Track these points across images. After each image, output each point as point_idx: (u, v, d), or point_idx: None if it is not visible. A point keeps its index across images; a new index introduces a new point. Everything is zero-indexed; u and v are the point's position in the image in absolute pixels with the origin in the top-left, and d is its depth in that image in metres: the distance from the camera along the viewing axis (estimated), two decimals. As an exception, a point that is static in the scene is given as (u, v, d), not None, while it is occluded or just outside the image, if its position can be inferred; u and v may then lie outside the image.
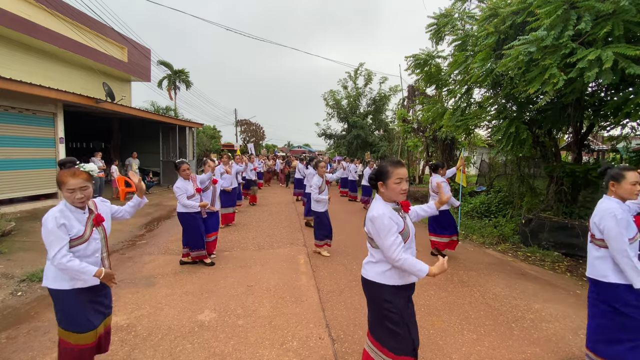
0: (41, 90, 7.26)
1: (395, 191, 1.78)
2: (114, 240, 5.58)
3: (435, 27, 6.27)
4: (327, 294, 3.64)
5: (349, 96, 19.01)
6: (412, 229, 1.89)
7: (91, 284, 1.90)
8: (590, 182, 5.83)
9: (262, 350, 2.57)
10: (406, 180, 1.79)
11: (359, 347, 2.64)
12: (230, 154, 5.17)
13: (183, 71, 26.03)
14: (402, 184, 1.77)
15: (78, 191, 1.83)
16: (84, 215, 1.92)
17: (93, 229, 1.96)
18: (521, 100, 5.32)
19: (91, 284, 1.90)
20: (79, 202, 1.85)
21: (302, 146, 36.31)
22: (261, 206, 9.51)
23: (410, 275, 1.82)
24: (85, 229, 1.90)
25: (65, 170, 1.83)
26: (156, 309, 3.21)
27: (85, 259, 1.89)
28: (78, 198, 1.84)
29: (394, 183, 1.77)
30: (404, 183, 1.78)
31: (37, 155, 7.87)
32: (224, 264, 4.55)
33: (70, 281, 1.86)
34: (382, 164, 1.85)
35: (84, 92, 9.43)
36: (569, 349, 2.69)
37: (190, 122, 14.71)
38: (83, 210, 1.93)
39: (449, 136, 10.18)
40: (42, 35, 9.64)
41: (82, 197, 1.85)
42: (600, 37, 3.51)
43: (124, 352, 2.52)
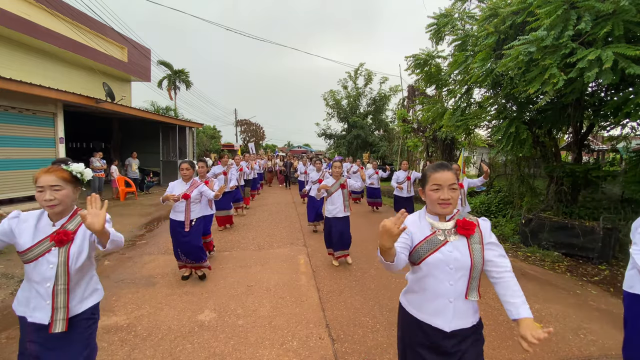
0: (41, 90, 7.26)
1: (430, 199, 1.44)
2: (114, 240, 5.58)
3: (435, 27, 6.27)
4: (327, 294, 3.64)
5: (349, 96, 19.04)
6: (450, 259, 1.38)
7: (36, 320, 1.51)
8: (590, 182, 5.83)
9: (262, 350, 2.57)
10: (450, 187, 1.39)
11: (359, 347, 2.65)
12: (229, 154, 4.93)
13: (183, 71, 26.03)
14: (440, 192, 1.40)
15: (48, 191, 1.49)
16: (50, 227, 1.55)
17: (52, 249, 1.51)
18: (521, 100, 5.32)
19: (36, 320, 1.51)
20: (47, 205, 1.50)
21: (302, 146, 36.35)
22: (261, 206, 9.50)
23: (439, 314, 1.41)
24: (33, 244, 1.51)
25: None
26: (156, 309, 3.21)
27: (35, 284, 1.51)
28: (46, 200, 1.49)
29: (430, 190, 1.44)
30: (445, 191, 1.39)
31: (37, 155, 7.87)
32: (224, 264, 4.55)
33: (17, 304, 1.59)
34: (425, 168, 1.54)
35: (84, 92, 9.42)
36: (569, 349, 2.69)
37: (190, 122, 14.71)
38: (54, 220, 1.56)
39: (449, 136, 10.18)
40: (42, 35, 9.64)
41: (52, 199, 1.49)
42: (600, 37, 3.52)
43: (124, 352, 2.52)
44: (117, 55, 13.29)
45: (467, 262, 1.37)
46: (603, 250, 4.75)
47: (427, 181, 1.47)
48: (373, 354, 2.56)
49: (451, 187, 1.40)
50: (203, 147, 22.61)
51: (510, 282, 1.39)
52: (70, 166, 1.61)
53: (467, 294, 1.40)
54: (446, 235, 1.43)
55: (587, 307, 3.49)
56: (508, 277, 1.40)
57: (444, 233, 1.43)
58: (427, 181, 1.47)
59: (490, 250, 1.42)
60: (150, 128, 13.37)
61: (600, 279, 4.28)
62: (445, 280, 1.39)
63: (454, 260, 1.38)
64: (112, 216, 1.78)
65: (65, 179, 1.55)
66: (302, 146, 36.41)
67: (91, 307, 1.67)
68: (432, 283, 1.41)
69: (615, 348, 2.74)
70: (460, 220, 1.44)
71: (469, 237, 1.41)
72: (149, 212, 8.12)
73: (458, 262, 1.38)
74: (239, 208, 7.90)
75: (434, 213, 1.48)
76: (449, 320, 1.39)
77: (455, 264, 1.38)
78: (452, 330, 1.40)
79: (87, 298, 1.65)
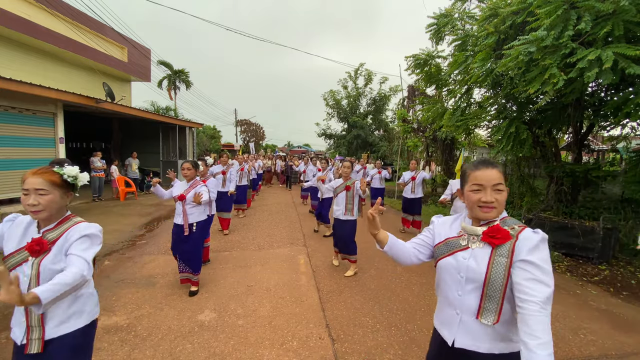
0: (41, 90, 7.26)
1: (470, 202, 1.25)
2: (114, 240, 5.59)
3: (435, 27, 6.27)
4: (327, 294, 3.64)
5: (349, 96, 19.06)
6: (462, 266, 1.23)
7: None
8: (590, 182, 5.84)
9: (262, 350, 2.57)
10: (495, 188, 1.19)
11: (359, 347, 2.65)
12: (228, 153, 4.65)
13: (183, 71, 26.05)
14: (481, 193, 1.20)
15: (32, 194, 1.34)
16: (35, 234, 1.42)
17: (28, 259, 1.36)
18: (521, 100, 5.32)
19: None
20: (30, 210, 1.36)
21: (302, 146, 36.35)
22: (261, 206, 9.50)
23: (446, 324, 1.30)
24: (13, 251, 1.38)
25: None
26: (156, 309, 3.21)
27: None
28: (29, 204, 1.34)
29: (469, 191, 1.25)
30: (488, 192, 1.19)
31: (37, 155, 7.88)
32: (224, 264, 4.55)
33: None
34: (466, 165, 1.35)
35: (84, 92, 9.43)
36: (569, 349, 2.69)
37: (190, 122, 14.71)
38: (41, 227, 1.42)
39: (449, 136, 10.19)
40: (42, 35, 9.64)
41: (36, 204, 1.34)
42: (600, 37, 3.52)
43: (124, 352, 2.52)
44: (117, 55, 13.29)
45: (481, 274, 1.17)
46: (603, 250, 4.75)
47: (466, 180, 1.28)
48: (373, 354, 2.56)
49: (496, 187, 1.19)
50: (203, 147, 22.62)
51: (531, 318, 1.03)
52: (64, 169, 1.46)
53: (479, 313, 1.18)
54: (470, 240, 1.25)
55: (587, 307, 3.49)
56: (532, 310, 1.04)
57: (468, 238, 1.26)
58: (466, 180, 1.28)
59: (521, 270, 1.11)
60: (150, 128, 13.38)
61: (600, 279, 4.28)
62: (454, 288, 1.25)
63: (466, 268, 1.21)
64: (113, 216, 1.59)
65: (53, 183, 1.39)
66: (302, 146, 36.42)
67: (74, 333, 1.43)
68: (444, 289, 1.31)
69: (615, 348, 2.74)
70: (493, 226, 1.20)
71: (495, 247, 1.17)
72: (149, 212, 8.12)
73: (470, 272, 1.19)
74: (240, 210, 7.83)
75: (472, 217, 1.29)
76: (453, 333, 1.26)
77: (467, 273, 1.20)
78: (457, 346, 1.24)
79: (69, 320, 1.42)
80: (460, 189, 1.34)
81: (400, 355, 2.56)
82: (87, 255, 1.38)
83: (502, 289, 1.14)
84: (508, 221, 1.23)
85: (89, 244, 1.41)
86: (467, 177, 1.27)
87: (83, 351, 1.50)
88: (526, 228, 1.19)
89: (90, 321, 1.51)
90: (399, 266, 4.60)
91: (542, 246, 1.13)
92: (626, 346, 2.78)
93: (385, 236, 1.39)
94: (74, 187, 1.51)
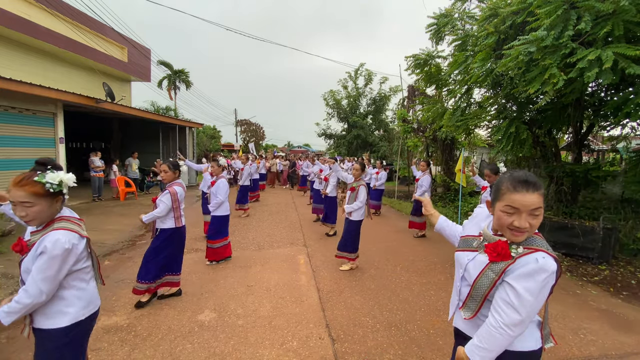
0: (41, 90, 7.26)
1: (500, 222, 1.16)
2: (114, 240, 5.58)
3: (435, 27, 6.27)
4: (327, 294, 3.64)
5: (349, 96, 19.04)
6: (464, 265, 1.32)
7: None
8: (590, 182, 5.83)
9: (262, 350, 2.57)
10: (531, 213, 1.09)
11: (359, 347, 2.65)
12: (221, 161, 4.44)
13: (183, 71, 26.06)
14: (515, 217, 1.11)
15: (18, 207, 1.37)
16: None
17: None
18: (521, 100, 5.32)
19: None
20: (22, 220, 1.40)
21: (302, 146, 36.34)
22: (261, 206, 9.50)
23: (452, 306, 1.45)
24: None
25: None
26: (156, 309, 3.22)
27: None
28: (19, 215, 1.38)
29: (501, 210, 1.14)
30: (522, 217, 1.09)
31: (37, 155, 7.85)
32: (224, 263, 4.55)
33: None
34: (503, 176, 1.21)
35: (84, 92, 9.42)
36: (569, 349, 2.69)
37: (190, 122, 14.71)
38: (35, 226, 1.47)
39: (449, 136, 10.17)
40: (42, 35, 9.64)
41: (24, 215, 1.37)
42: (600, 37, 3.51)
43: (124, 352, 2.52)
44: (117, 55, 13.29)
45: (472, 278, 1.25)
46: (603, 250, 4.75)
47: (499, 197, 1.15)
48: (373, 354, 2.56)
49: (533, 213, 1.09)
50: (203, 147, 22.62)
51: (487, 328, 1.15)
52: (46, 176, 1.40)
53: (463, 306, 1.32)
54: (481, 246, 1.27)
55: (587, 307, 3.49)
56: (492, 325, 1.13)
57: (481, 243, 1.27)
58: (499, 197, 1.15)
59: (502, 289, 1.14)
60: (150, 128, 13.38)
61: (600, 279, 4.28)
62: (457, 279, 1.38)
63: (465, 268, 1.31)
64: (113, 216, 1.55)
65: (37, 194, 1.37)
66: (302, 146, 36.41)
67: (57, 331, 1.46)
68: (455, 275, 1.44)
69: (615, 348, 2.74)
70: (500, 242, 1.16)
71: (490, 262, 1.18)
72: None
73: (467, 273, 1.30)
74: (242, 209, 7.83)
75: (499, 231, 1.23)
76: (452, 313, 1.44)
77: (465, 272, 1.31)
78: (454, 325, 1.43)
79: (53, 317, 1.46)
80: (491, 201, 1.24)
81: (400, 355, 2.56)
82: (39, 278, 1.35)
83: (483, 297, 1.21)
84: (532, 240, 1.16)
85: (44, 264, 1.36)
86: (502, 195, 1.14)
87: (69, 349, 1.50)
88: (534, 253, 1.12)
89: (75, 322, 1.50)
90: (399, 266, 4.60)
91: (536, 276, 1.09)
92: (626, 346, 2.78)
93: (436, 217, 1.66)
94: (61, 192, 1.47)
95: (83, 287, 1.55)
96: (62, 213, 1.52)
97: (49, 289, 1.38)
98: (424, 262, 4.81)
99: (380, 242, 5.79)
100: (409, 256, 5.06)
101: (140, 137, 13.94)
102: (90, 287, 1.60)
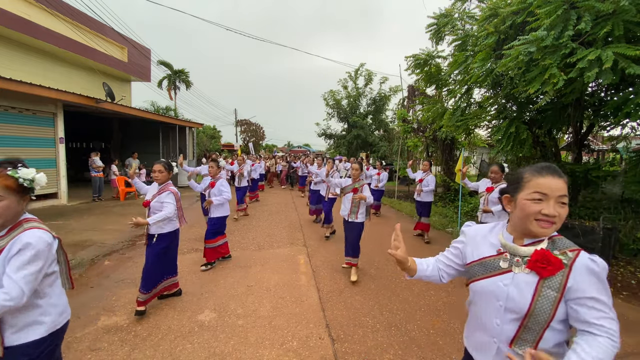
0: (41, 90, 7.27)
1: (524, 213, 1.04)
2: (114, 240, 5.58)
3: (435, 27, 6.28)
4: (327, 294, 3.64)
5: (349, 96, 19.06)
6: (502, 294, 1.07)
7: None
8: (590, 182, 5.83)
9: (262, 350, 2.57)
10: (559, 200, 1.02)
11: (359, 347, 2.65)
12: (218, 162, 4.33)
13: (183, 71, 26.07)
14: (544, 204, 1.01)
15: None
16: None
17: None
18: (521, 100, 5.32)
19: None
20: None
21: (302, 146, 36.36)
22: (261, 206, 9.50)
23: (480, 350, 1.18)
24: None
25: None
26: (156, 309, 3.21)
27: None
28: None
29: (527, 199, 1.04)
30: (551, 204, 1.01)
31: (37, 155, 7.88)
32: (224, 264, 4.55)
33: None
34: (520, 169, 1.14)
35: (84, 92, 9.43)
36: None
37: (190, 122, 14.72)
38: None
39: (449, 136, 10.18)
40: (42, 35, 9.65)
41: None
42: (600, 37, 3.51)
43: (124, 352, 2.52)
44: (117, 55, 13.29)
45: (524, 306, 1.01)
46: (603, 250, 4.74)
47: (522, 187, 1.07)
48: (373, 354, 2.56)
49: (560, 200, 1.01)
50: (203, 147, 22.62)
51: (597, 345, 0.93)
52: (19, 172, 1.33)
53: (513, 341, 1.05)
54: (513, 263, 1.07)
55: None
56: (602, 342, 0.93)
57: (511, 260, 1.07)
58: (522, 187, 1.07)
59: (585, 309, 0.96)
60: (150, 128, 13.39)
61: (600, 279, 4.27)
62: (492, 316, 1.09)
63: (507, 297, 1.05)
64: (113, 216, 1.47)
65: (9, 188, 1.30)
66: (302, 146, 36.43)
67: (32, 343, 1.35)
68: (479, 313, 1.15)
69: (615, 348, 2.73)
70: (540, 251, 1.02)
71: (543, 278, 1.00)
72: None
73: (511, 302, 1.04)
74: (239, 210, 7.80)
75: (520, 231, 1.09)
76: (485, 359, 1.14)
77: (507, 302, 1.05)
78: None
79: (26, 330, 1.35)
80: (510, 195, 1.12)
81: (400, 355, 2.56)
82: (20, 277, 1.25)
83: (546, 323, 1.00)
84: (559, 241, 1.06)
85: (26, 260, 1.28)
86: (526, 182, 1.06)
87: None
88: (581, 253, 1.02)
89: (52, 332, 1.42)
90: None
91: (603, 277, 0.99)
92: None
93: (413, 267, 1.28)
94: (31, 191, 1.40)
95: (57, 294, 1.48)
96: (26, 215, 1.43)
97: (30, 290, 1.28)
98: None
99: (380, 242, 5.79)
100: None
101: (140, 137, 13.95)
102: (63, 293, 1.53)
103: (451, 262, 1.27)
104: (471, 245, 1.21)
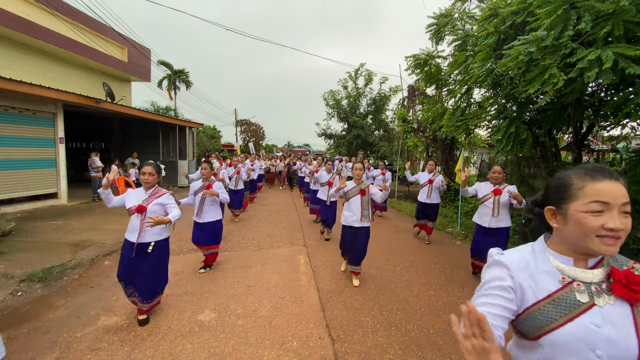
0: (41, 90, 7.26)
1: (583, 228, 0.83)
2: (114, 240, 5.58)
3: (435, 27, 6.27)
4: (327, 294, 3.64)
5: (349, 96, 19.07)
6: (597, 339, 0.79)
7: None
8: (591, 182, 5.82)
9: (262, 350, 2.57)
10: (622, 209, 0.81)
11: (359, 347, 2.65)
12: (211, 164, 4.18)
13: (183, 71, 26.05)
14: (607, 217, 0.81)
15: None
16: None
17: None
18: (521, 100, 5.32)
19: None
20: None
21: (302, 146, 36.36)
22: (261, 206, 9.50)
23: None
24: None
25: None
26: (156, 308, 3.21)
27: None
28: None
29: (585, 211, 0.83)
30: (615, 215, 0.81)
31: (37, 155, 7.88)
32: (224, 264, 4.55)
33: None
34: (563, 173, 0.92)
35: (84, 92, 9.43)
36: (569, 349, 2.69)
37: (190, 122, 14.71)
38: None
39: (449, 136, 10.18)
40: (42, 35, 9.64)
41: None
42: (600, 37, 3.51)
43: (124, 352, 2.52)
44: (117, 55, 13.29)
45: (633, 350, 0.76)
46: (603, 250, 4.74)
47: (573, 195, 0.85)
48: (373, 354, 2.56)
49: (624, 208, 0.81)
50: (203, 147, 22.62)
51: None
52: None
53: None
54: (593, 294, 0.83)
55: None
56: None
57: (587, 290, 0.83)
58: (573, 195, 0.85)
59: None
60: (150, 128, 13.38)
61: (600, 279, 4.27)
62: None
63: (606, 342, 0.78)
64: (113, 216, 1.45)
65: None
66: (302, 146, 36.42)
67: None
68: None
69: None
70: (616, 269, 0.84)
71: (636, 306, 0.79)
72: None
73: (613, 347, 0.77)
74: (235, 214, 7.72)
75: (578, 251, 0.87)
76: None
77: (608, 349, 0.77)
78: None
79: None
80: (554, 207, 0.90)
81: (400, 355, 2.56)
82: None
83: None
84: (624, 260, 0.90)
85: None
86: (577, 190, 0.84)
87: None
88: None
89: None
90: (399, 266, 4.60)
91: None
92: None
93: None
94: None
95: None
96: None
97: None
98: (424, 262, 4.81)
99: (380, 242, 5.79)
100: (409, 256, 5.06)
101: (140, 137, 13.95)
102: None
103: (504, 310, 0.85)
104: (526, 279, 0.87)
